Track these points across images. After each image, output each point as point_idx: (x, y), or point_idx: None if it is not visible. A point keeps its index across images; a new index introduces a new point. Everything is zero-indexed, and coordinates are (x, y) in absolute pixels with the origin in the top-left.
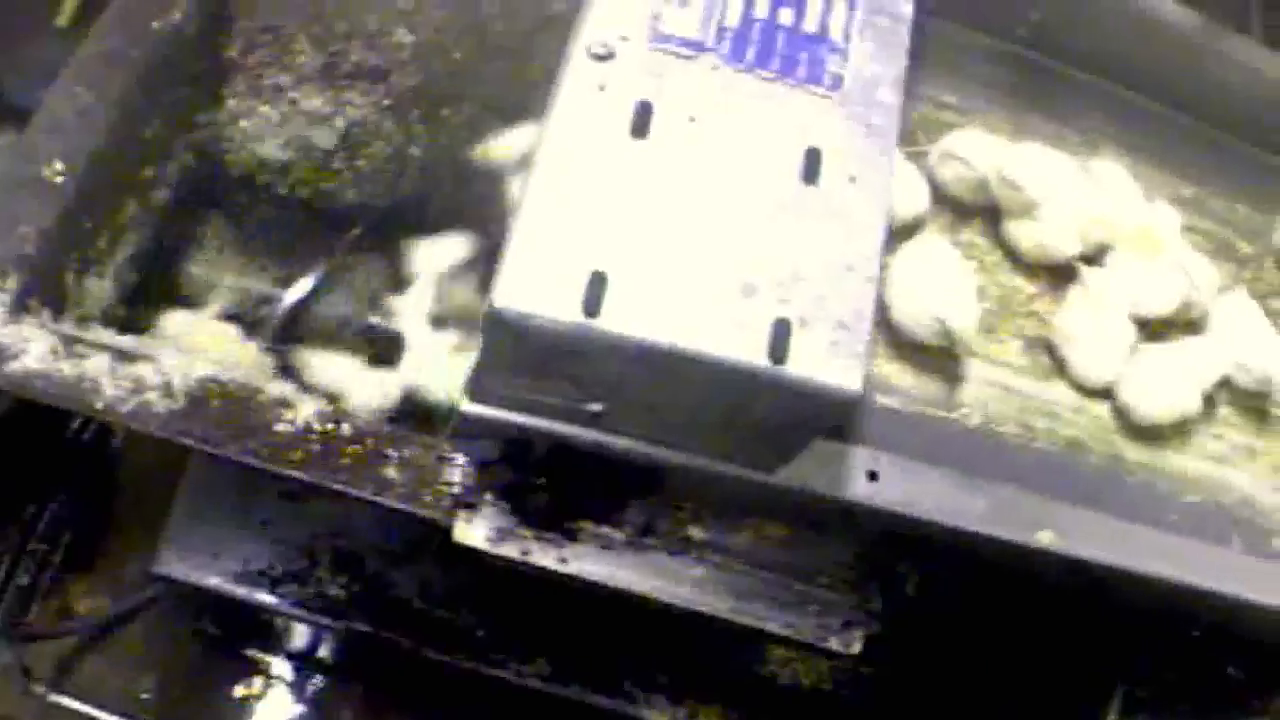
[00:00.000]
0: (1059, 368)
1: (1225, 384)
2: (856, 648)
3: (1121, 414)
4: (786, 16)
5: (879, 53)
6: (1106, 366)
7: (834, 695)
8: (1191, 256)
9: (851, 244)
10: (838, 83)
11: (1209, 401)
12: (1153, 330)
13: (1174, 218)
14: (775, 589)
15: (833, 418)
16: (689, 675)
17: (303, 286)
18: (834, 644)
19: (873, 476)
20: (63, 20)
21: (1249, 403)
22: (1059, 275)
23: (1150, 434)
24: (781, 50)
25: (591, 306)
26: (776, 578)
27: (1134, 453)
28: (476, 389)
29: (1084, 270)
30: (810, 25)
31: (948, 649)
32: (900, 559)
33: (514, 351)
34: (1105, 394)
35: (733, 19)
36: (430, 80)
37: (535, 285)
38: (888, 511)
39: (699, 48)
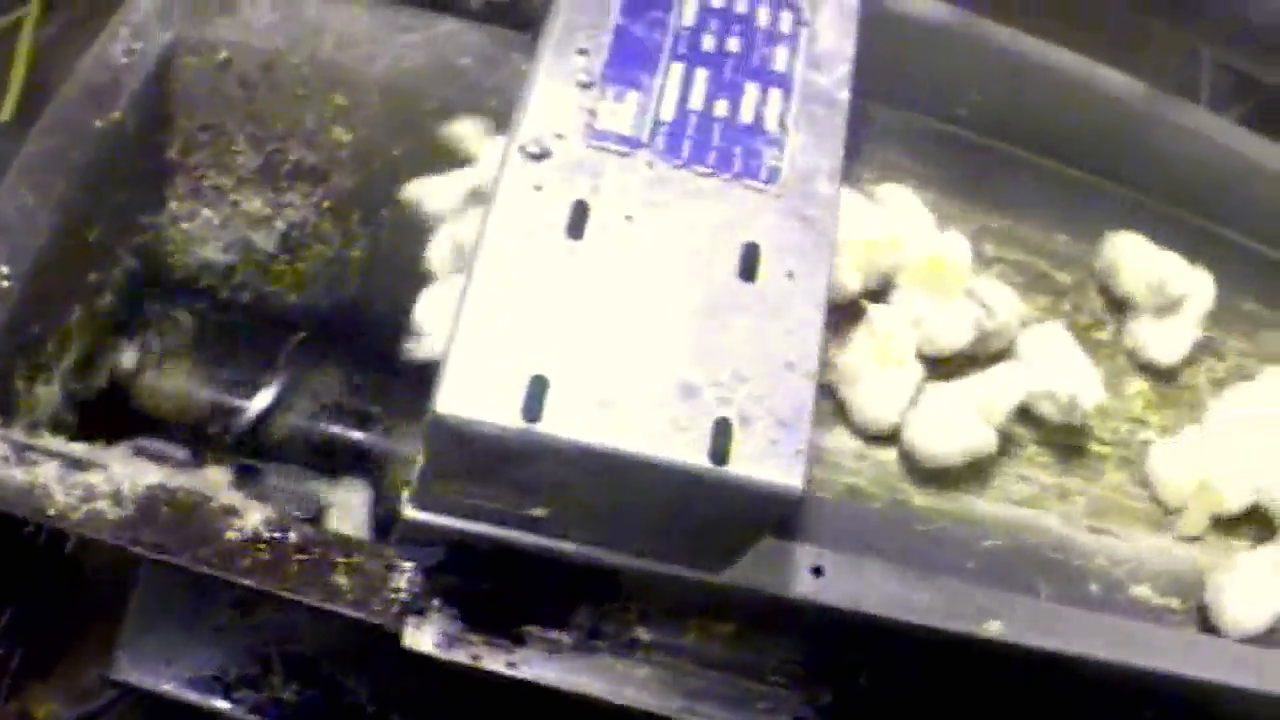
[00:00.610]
0: (839, 412)
1: (1033, 420)
2: None
3: (907, 458)
4: (722, 108)
5: (815, 143)
6: (889, 408)
7: None
8: (992, 287)
9: (790, 340)
10: (774, 175)
11: (1014, 440)
12: (952, 367)
13: (965, 246)
14: (723, 687)
15: (775, 516)
16: None
17: (265, 397)
18: None
19: (818, 572)
20: (4, 115)
21: (1060, 439)
22: (842, 314)
23: (940, 478)
24: (717, 144)
25: (532, 411)
26: (724, 676)
27: (923, 499)
28: (420, 495)
29: (869, 307)
30: (746, 116)
31: None
32: (849, 652)
33: (456, 457)
34: (890, 439)
35: (667, 112)
36: (370, 179)
37: (475, 390)
38: (833, 607)
39: (635, 144)
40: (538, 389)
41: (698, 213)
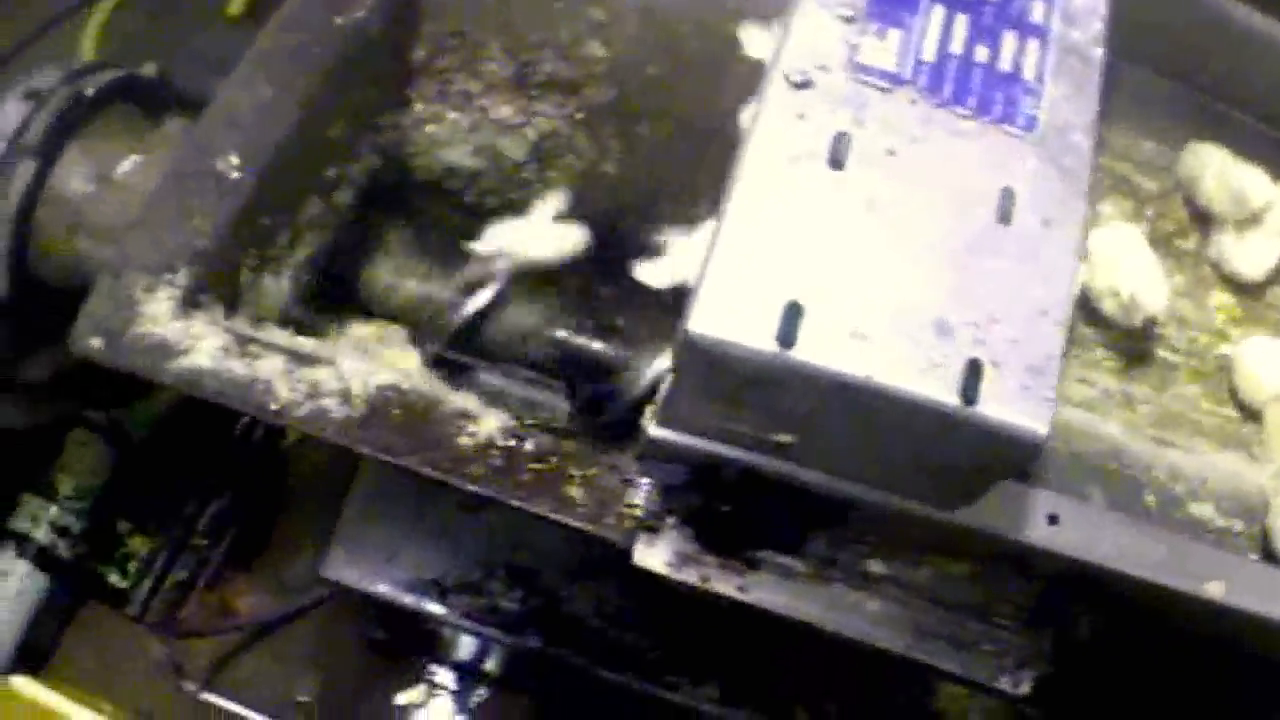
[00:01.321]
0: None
1: (1101, 322)
2: (1026, 689)
3: None
4: (982, 54)
5: (1071, 96)
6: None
7: None
8: None
9: (1045, 287)
10: (1032, 124)
11: (1079, 341)
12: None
13: None
14: (951, 626)
15: (1018, 461)
16: (858, 705)
17: (484, 295)
18: (1005, 684)
19: (1053, 520)
20: (233, 9)
21: (1128, 345)
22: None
23: None
24: (977, 88)
25: (787, 337)
26: (953, 615)
27: None
28: (666, 413)
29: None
30: (1004, 64)
31: (1115, 697)
32: (1076, 602)
33: (706, 378)
34: None
35: (929, 53)
36: (624, 96)
37: (731, 313)
38: (1065, 556)
39: (897, 80)
40: (793, 315)
41: (957, 153)
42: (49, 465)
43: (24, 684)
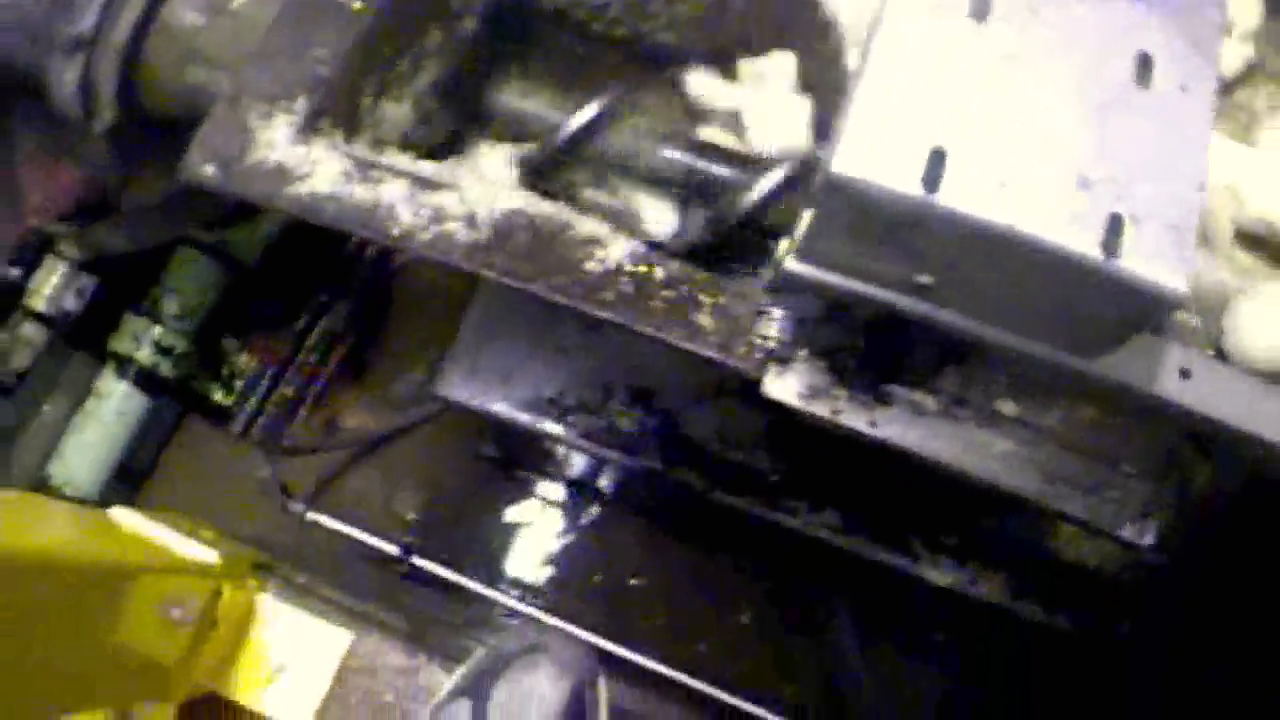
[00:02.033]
0: None
1: None
2: (1149, 538)
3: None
4: None
5: None
6: None
7: (1114, 581)
8: None
9: (1182, 150)
10: None
11: None
12: None
13: None
14: (1078, 471)
15: (1155, 316)
16: (976, 541)
17: (588, 112)
18: (1128, 532)
19: (1184, 374)
20: None
21: None
22: None
23: None
24: None
25: (931, 181)
26: (1080, 460)
27: None
28: (805, 248)
29: None
30: None
31: (1232, 557)
32: (1200, 453)
33: (848, 218)
34: None
35: None
36: None
37: (875, 155)
38: (1195, 411)
39: None
40: (937, 160)
41: (1098, 13)
42: (153, 285)
43: (123, 515)
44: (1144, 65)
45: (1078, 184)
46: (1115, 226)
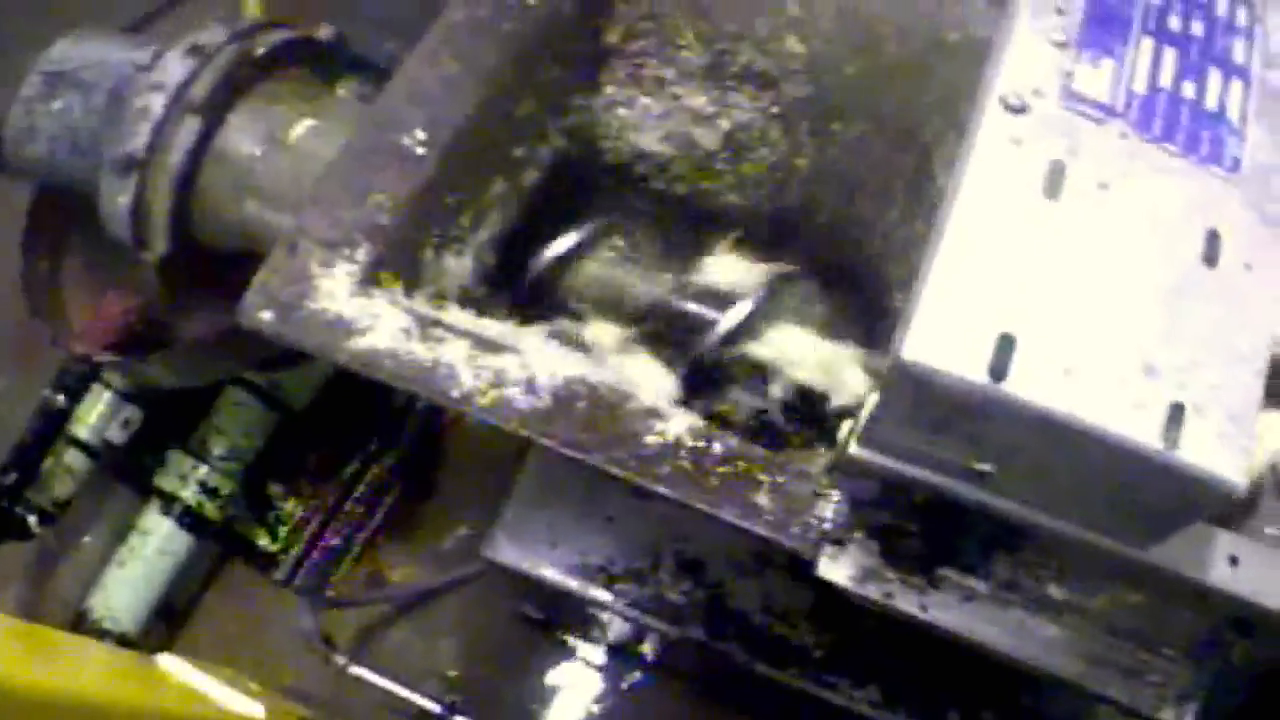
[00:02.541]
0: None
1: None
2: None
3: None
4: (1189, 90)
5: (1273, 140)
6: None
7: None
8: None
9: (1246, 333)
10: (1236, 166)
11: None
12: None
13: None
14: (1121, 655)
15: (1213, 507)
16: (1013, 716)
17: (740, 311)
18: (1168, 716)
19: (1233, 561)
20: None
21: None
22: None
23: None
24: (1185, 125)
25: (999, 369)
26: (1123, 644)
27: None
28: (867, 433)
29: None
30: (1210, 102)
31: None
32: (1244, 640)
33: (914, 404)
34: None
35: (1140, 85)
36: (821, 93)
37: (944, 341)
38: (1244, 598)
39: (1110, 112)
40: (1006, 347)
41: (1166, 191)
42: (200, 424)
43: (171, 663)
44: (1212, 243)
45: (1143, 371)
46: (1176, 416)
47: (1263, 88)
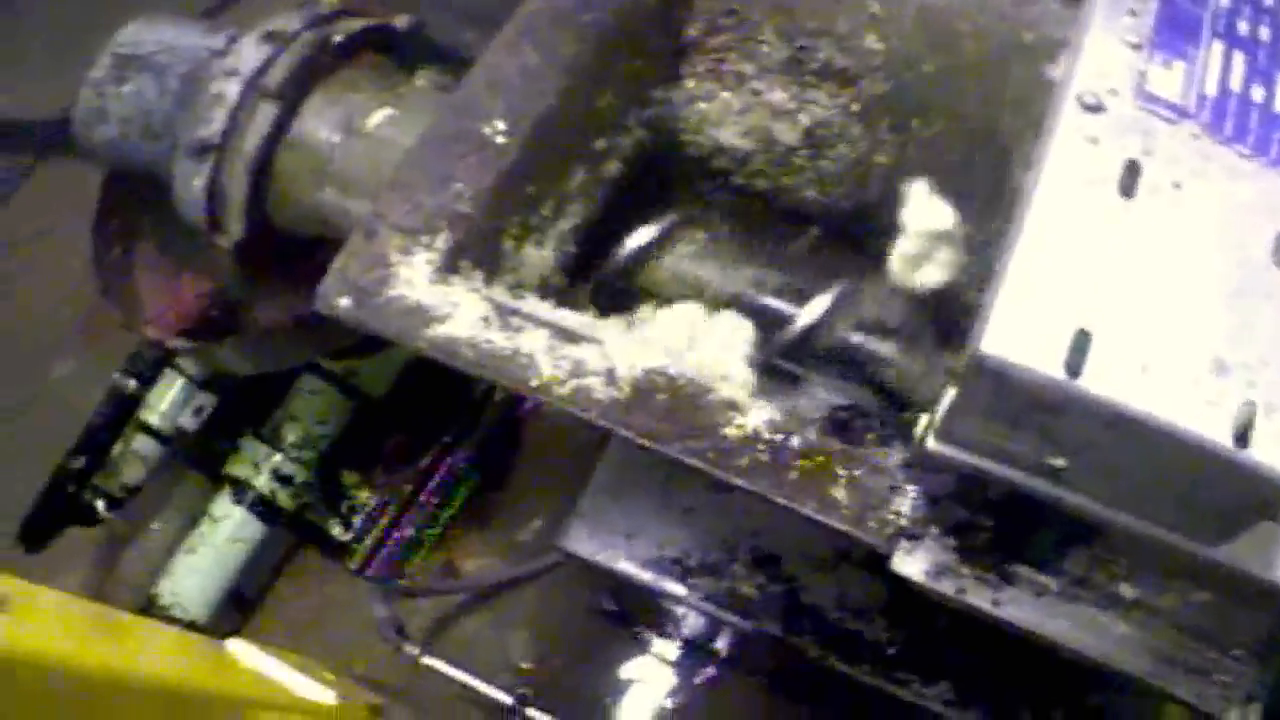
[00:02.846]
0: None
1: None
2: None
3: None
4: (1258, 94)
5: None
6: None
7: None
8: None
9: None
10: None
11: None
12: None
13: None
14: (1190, 654)
15: None
16: (1082, 714)
17: (819, 305)
18: (1234, 716)
19: None
20: None
21: None
22: None
23: None
24: (1255, 127)
25: (1074, 365)
26: (1193, 642)
27: None
28: (944, 428)
29: None
30: (1279, 106)
31: None
32: None
33: (991, 399)
34: None
35: (1211, 87)
36: (900, 90)
37: (1021, 336)
38: None
39: (1182, 113)
40: (1082, 343)
41: (1238, 192)
42: (274, 411)
43: (241, 647)
44: None
45: (1214, 369)
46: (1248, 414)
47: None
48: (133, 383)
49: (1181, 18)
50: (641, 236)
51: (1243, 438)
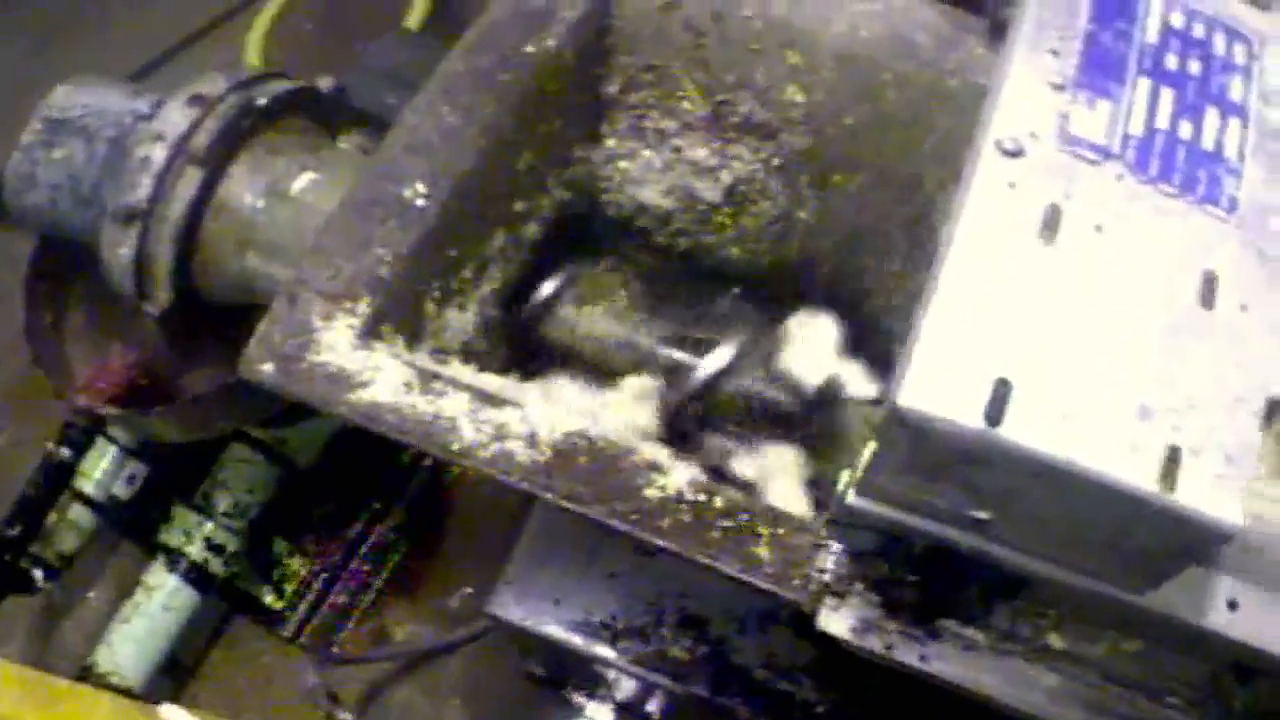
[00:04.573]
0: None
1: None
2: None
3: None
4: (1186, 130)
5: (1271, 179)
6: None
7: None
8: None
9: (1242, 375)
10: (1233, 205)
11: None
12: None
13: None
14: (1121, 704)
15: (1210, 549)
16: None
17: (721, 356)
18: None
19: (1232, 606)
20: (411, 22)
21: None
22: None
23: None
24: (1182, 166)
25: (994, 414)
26: (1125, 692)
27: None
28: (865, 483)
29: None
30: (1207, 141)
31: None
32: (1244, 683)
33: (911, 452)
34: None
35: (1136, 126)
36: (821, 144)
37: (940, 387)
38: (1242, 643)
39: (1105, 153)
40: (1002, 392)
41: (1162, 232)
42: (205, 480)
43: (173, 713)
44: (1208, 284)
45: (1138, 414)
46: (1173, 458)
47: (1261, 125)
48: (66, 451)
49: (1106, 56)
50: (547, 287)
51: (1169, 482)
